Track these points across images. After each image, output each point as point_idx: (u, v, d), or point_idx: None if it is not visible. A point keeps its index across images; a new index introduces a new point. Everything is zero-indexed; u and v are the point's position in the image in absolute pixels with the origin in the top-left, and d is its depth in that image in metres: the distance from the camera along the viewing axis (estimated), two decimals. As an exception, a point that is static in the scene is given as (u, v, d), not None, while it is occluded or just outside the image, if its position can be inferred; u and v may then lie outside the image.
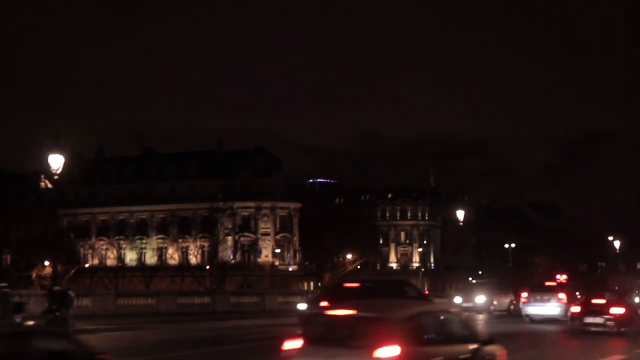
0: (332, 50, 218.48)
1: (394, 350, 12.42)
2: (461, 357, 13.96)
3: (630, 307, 34.93)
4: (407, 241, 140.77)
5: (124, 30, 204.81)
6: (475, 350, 14.20)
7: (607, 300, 34.47)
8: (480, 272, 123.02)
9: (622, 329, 32.47)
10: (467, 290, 53.90)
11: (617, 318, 32.93)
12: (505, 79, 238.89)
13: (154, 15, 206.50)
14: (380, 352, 12.33)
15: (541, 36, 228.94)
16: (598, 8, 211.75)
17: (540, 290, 42.29)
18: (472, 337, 14.77)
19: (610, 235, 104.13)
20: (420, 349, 13.04)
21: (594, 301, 34.66)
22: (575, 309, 34.62)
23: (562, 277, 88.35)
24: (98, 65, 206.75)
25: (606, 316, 33.00)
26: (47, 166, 32.47)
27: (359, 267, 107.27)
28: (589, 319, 33.16)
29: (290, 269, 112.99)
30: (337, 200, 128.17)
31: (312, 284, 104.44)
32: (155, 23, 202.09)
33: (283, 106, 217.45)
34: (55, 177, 32.84)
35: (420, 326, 13.62)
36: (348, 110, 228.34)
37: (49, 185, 69.29)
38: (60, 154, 32.29)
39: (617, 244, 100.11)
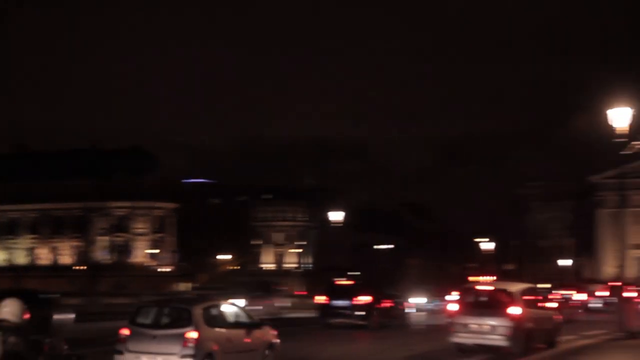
0: (220, 51, 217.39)
1: (518, 310, 22.74)
2: (545, 316, 25.13)
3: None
4: (285, 242, 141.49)
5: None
6: (552, 312, 26.50)
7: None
8: (356, 273, 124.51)
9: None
10: None
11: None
12: (384, 80, 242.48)
13: (35, 9, 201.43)
14: (510, 310, 22.65)
15: (421, 38, 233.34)
16: (482, 10, 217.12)
17: None
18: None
19: (480, 237, 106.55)
20: (529, 310, 23.42)
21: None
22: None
23: (490, 279, 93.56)
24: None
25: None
26: None
27: (237, 267, 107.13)
28: None
29: (165, 270, 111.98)
30: (214, 200, 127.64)
31: (189, 285, 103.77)
32: (36, 21, 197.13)
33: (165, 105, 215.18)
34: None
35: (527, 295, 24.18)
36: (230, 111, 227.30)
37: None
38: None
39: (488, 245, 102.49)
